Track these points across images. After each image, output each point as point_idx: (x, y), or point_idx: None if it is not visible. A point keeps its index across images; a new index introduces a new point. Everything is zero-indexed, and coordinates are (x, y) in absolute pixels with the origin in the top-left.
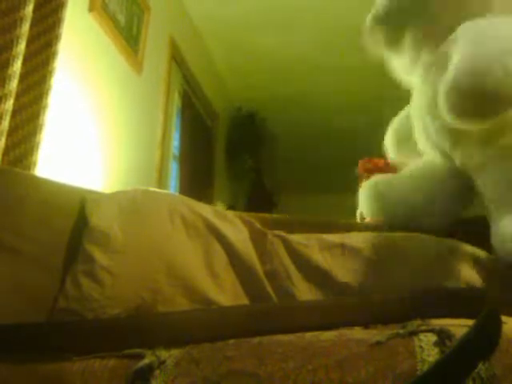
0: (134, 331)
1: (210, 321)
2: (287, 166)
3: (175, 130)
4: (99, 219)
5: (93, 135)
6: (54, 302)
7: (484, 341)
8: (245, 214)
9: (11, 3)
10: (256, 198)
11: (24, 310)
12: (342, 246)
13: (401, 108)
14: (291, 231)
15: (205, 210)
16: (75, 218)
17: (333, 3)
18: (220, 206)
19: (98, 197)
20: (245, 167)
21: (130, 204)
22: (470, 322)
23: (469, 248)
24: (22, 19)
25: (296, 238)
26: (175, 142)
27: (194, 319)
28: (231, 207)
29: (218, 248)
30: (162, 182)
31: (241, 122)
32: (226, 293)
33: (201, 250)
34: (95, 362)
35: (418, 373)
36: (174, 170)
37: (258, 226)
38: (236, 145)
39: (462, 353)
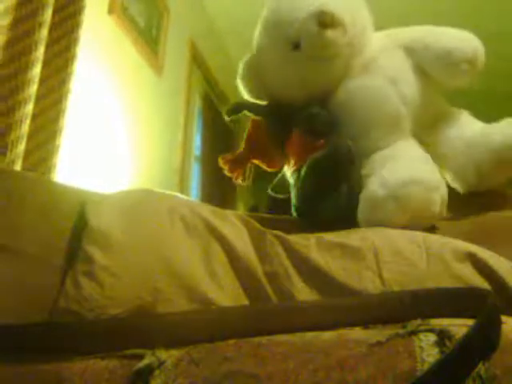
0: (134, 331)
1: (210, 321)
2: None
3: (196, 131)
4: (99, 219)
5: (114, 137)
6: (54, 303)
7: (484, 341)
8: (244, 214)
9: (30, 8)
10: (279, 198)
11: (24, 310)
12: (342, 245)
13: None
14: (290, 231)
15: (204, 210)
16: (75, 219)
17: None
18: (241, 208)
19: (98, 197)
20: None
21: (129, 204)
22: (470, 322)
23: (468, 246)
24: (40, 24)
25: (295, 238)
26: (196, 143)
27: (193, 319)
28: (254, 208)
29: (217, 248)
30: (183, 183)
31: None
32: (226, 293)
33: (200, 250)
34: (95, 362)
35: (418, 373)
36: (195, 170)
37: (258, 225)
38: None
39: (462, 353)
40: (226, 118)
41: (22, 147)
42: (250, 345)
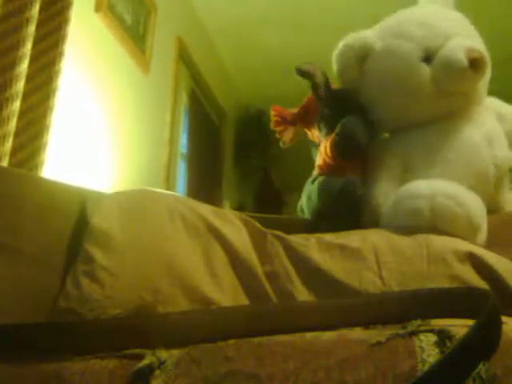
0: (134, 331)
1: (210, 321)
2: (296, 164)
3: (183, 129)
4: (100, 219)
5: (100, 135)
6: (54, 302)
7: (484, 341)
8: (244, 214)
9: (17, 4)
10: (265, 196)
11: (24, 310)
12: (342, 246)
13: None
14: (290, 231)
15: (205, 209)
16: (75, 218)
17: (342, 1)
18: (227, 206)
19: (98, 197)
20: (253, 166)
21: (130, 204)
22: (471, 322)
23: (468, 246)
24: (28, 20)
25: (295, 239)
26: (183, 141)
27: (194, 319)
28: (240, 207)
29: (217, 248)
30: (170, 180)
31: (249, 121)
32: (226, 293)
33: (200, 250)
34: (95, 362)
35: (418, 373)
36: (182, 168)
37: (258, 225)
38: (244, 143)
39: (462, 353)
40: (295, 71)
41: (9, 144)
42: (250, 345)
